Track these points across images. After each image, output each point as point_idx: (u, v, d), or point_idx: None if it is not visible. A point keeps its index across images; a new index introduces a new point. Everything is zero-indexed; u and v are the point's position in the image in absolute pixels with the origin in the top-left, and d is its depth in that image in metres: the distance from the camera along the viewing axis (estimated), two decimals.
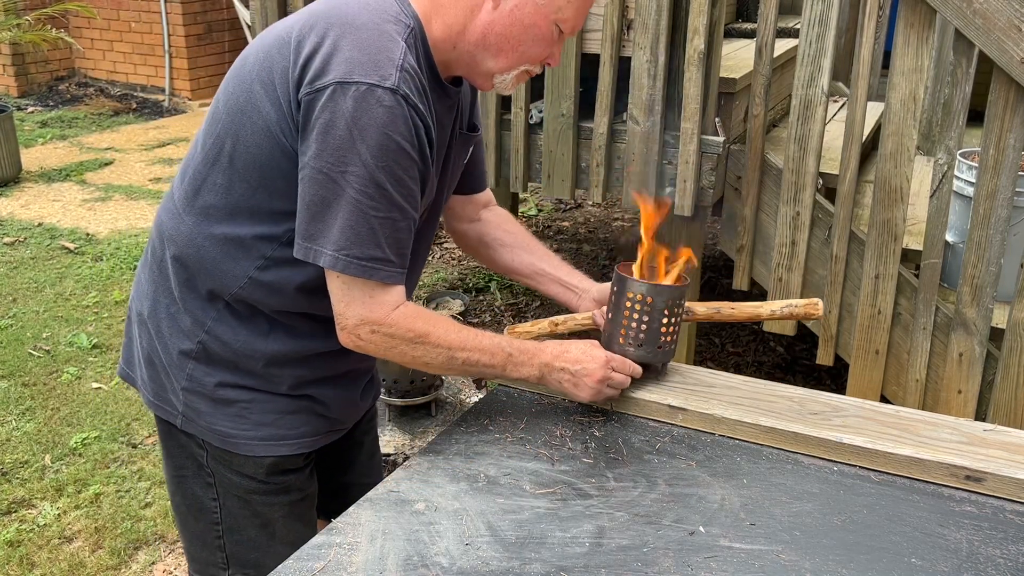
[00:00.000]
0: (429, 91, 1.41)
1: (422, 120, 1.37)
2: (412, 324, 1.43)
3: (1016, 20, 2.41)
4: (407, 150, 1.35)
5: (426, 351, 1.45)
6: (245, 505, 1.61)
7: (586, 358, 1.51)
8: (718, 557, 1.24)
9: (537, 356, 1.51)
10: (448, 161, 1.57)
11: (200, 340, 1.53)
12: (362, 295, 1.40)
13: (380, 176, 1.34)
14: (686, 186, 2.96)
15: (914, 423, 1.53)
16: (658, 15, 2.85)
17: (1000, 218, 2.57)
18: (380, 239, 1.37)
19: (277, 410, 1.56)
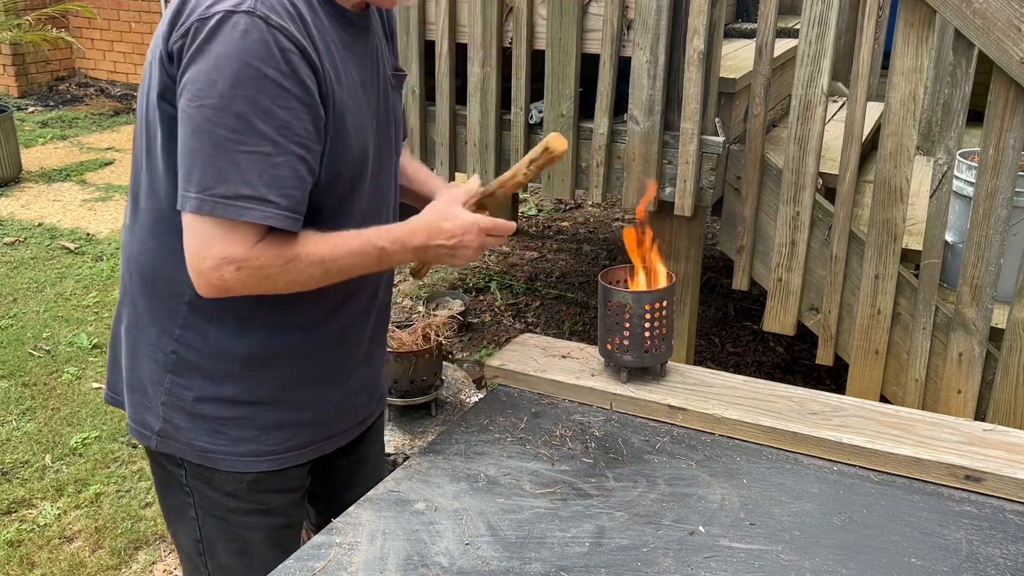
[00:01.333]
0: (322, 16, 1.34)
1: (294, 43, 1.26)
2: (276, 251, 1.32)
3: (1016, 20, 2.41)
4: (272, 76, 1.24)
5: (299, 272, 1.35)
6: (224, 526, 1.55)
7: (459, 230, 1.46)
8: (718, 557, 1.24)
9: (410, 241, 1.44)
10: (382, 102, 1.50)
11: (173, 350, 1.47)
12: (222, 233, 1.28)
13: (240, 106, 1.24)
14: (686, 186, 2.96)
15: (914, 423, 1.53)
16: (658, 15, 2.85)
17: (1000, 218, 2.57)
18: (248, 174, 1.26)
19: (259, 425, 1.50)
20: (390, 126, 1.53)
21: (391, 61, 1.56)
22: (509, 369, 1.71)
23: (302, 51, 1.27)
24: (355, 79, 1.40)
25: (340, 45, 1.37)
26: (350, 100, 1.38)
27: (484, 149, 3.23)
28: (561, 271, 5.08)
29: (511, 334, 4.23)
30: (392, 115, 1.54)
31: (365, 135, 1.43)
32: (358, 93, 1.41)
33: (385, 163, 1.53)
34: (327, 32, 1.34)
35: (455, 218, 1.47)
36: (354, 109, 1.39)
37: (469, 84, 3.19)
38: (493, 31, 3.08)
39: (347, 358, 1.56)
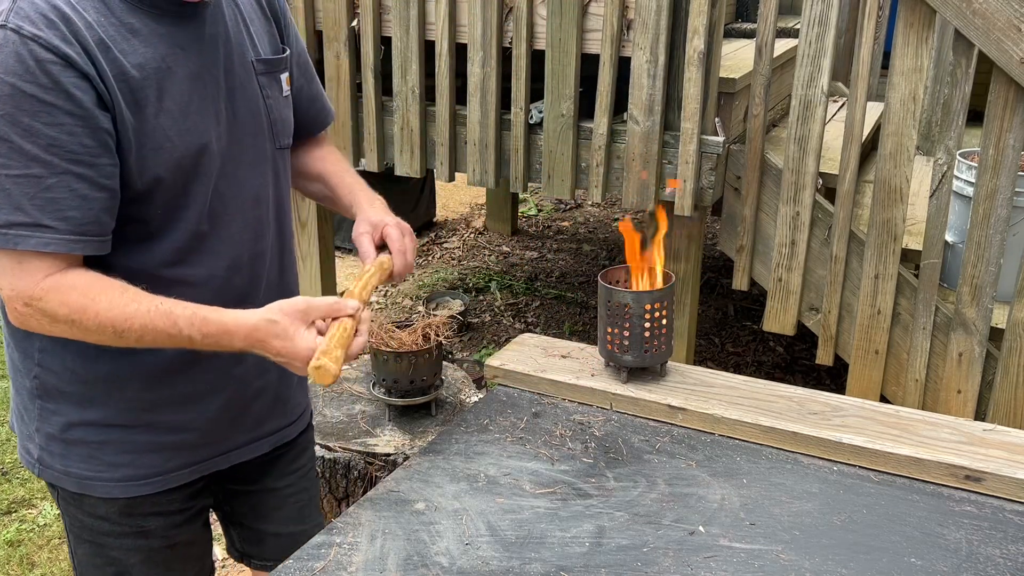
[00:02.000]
0: (117, 9, 1.24)
1: (54, 52, 1.16)
2: (65, 297, 1.22)
3: (1015, 20, 2.41)
4: (29, 92, 1.15)
5: (87, 331, 1.25)
6: (97, 551, 1.49)
7: (289, 354, 1.29)
8: (718, 557, 1.24)
9: (226, 340, 1.29)
10: (237, 93, 1.38)
11: (35, 375, 1.40)
12: (11, 264, 1.21)
13: (3, 127, 1.15)
14: (686, 186, 2.96)
15: (914, 423, 1.53)
16: (658, 15, 2.85)
17: (1000, 218, 2.57)
18: (19, 200, 1.17)
19: (134, 448, 1.43)
20: (254, 118, 1.42)
21: (262, 45, 1.45)
22: (509, 369, 1.71)
23: (65, 59, 1.17)
24: (181, 72, 1.29)
25: (152, 36, 1.26)
26: (168, 96, 1.27)
27: (484, 149, 3.23)
28: (561, 271, 5.08)
29: (511, 334, 4.23)
30: (256, 105, 1.42)
31: (198, 132, 1.31)
32: (183, 87, 1.29)
33: (247, 159, 1.41)
34: (122, 27, 1.23)
35: (288, 338, 1.28)
36: (176, 105, 1.28)
37: (469, 84, 3.19)
38: (493, 31, 3.08)
39: (225, 370, 1.46)
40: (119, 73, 1.22)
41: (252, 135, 1.42)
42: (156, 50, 1.26)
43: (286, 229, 1.54)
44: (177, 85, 1.28)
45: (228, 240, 1.40)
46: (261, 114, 1.43)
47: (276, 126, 1.46)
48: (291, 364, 1.30)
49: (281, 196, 1.51)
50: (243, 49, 1.40)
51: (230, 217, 1.39)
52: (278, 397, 1.58)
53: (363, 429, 2.56)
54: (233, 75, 1.38)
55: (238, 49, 1.39)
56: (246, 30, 1.42)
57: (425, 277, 4.87)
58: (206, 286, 1.38)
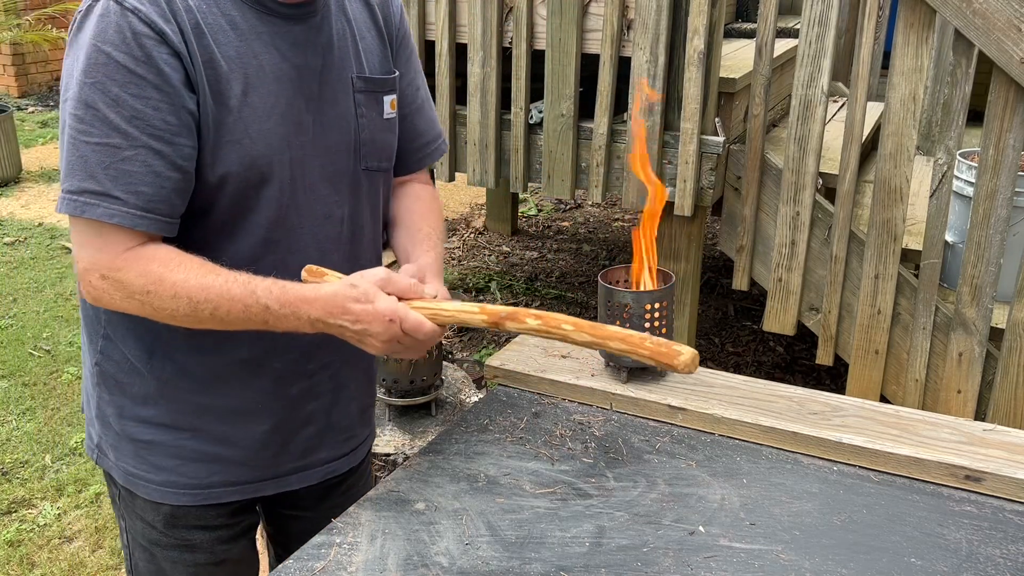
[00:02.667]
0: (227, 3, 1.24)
1: (150, 26, 1.17)
2: (145, 267, 1.20)
3: (1016, 20, 2.41)
4: (123, 63, 1.16)
5: (163, 301, 1.21)
6: (150, 558, 1.47)
7: (368, 317, 1.23)
8: (718, 557, 1.24)
9: (304, 310, 1.23)
10: (326, 106, 1.35)
11: (96, 362, 1.40)
12: (91, 235, 1.21)
13: (89, 94, 1.16)
14: (686, 186, 2.96)
15: (914, 423, 1.53)
16: (658, 15, 2.85)
17: (1000, 218, 2.57)
18: (94, 168, 1.17)
19: (180, 454, 1.40)
20: (342, 134, 1.38)
21: (369, 63, 1.41)
22: (509, 369, 1.71)
23: (161, 35, 1.18)
24: (272, 72, 1.28)
25: (251, 32, 1.26)
26: (255, 93, 1.26)
27: (484, 149, 3.23)
28: (561, 271, 5.08)
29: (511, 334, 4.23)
30: (347, 122, 1.38)
31: (278, 135, 1.29)
32: (272, 88, 1.28)
33: (326, 173, 1.37)
34: (223, 17, 1.24)
35: (368, 301, 1.23)
36: (260, 104, 1.27)
37: (469, 84, 3.19)
38: (493, 31, 3.08)
39: (276, 390, 1.41)
40: (208, 60, 1.21)
41: (336, 151, 1.37)
42: (251, 46, 1.26)
43: (363, 255, 1.46)
44: (266, 85, 1.27)
45: (295, 253, 1.35)
46: (350, 132, 1.39)
47: (365, 146, 1.41)
48: (368, 330, 1.23)
49: (360, 218, 1.43)
50: (345, 63, 1.37)
51: (300, 230, 1.36)
52: (330, 425, 1.52)
53: None
54: (328, 87, 1.35)
55: (339, 62, 1.36)
56: (353, 45, 1.39)
57: None
58: None
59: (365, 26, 1.42)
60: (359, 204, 1.43)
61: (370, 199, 1.45)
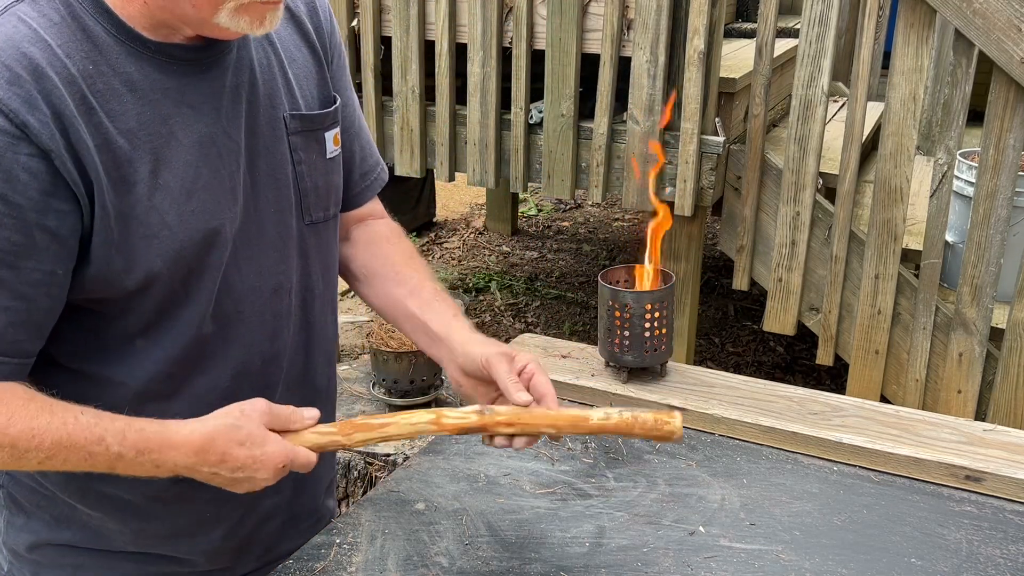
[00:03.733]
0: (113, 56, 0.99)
1: (12, 121, 0.91)
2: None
3: (1016, 20, 2.41)
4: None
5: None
6: None
7: (254, 464, 1.04)
8: (718, 557, 1.24)
9: (169, 456, 1.02)
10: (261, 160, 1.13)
11: (3, 483, 1.22)
12: None
13: None
14: (686, 186, 2.96)
15: (914, 423, 1.53)
16: (658, 15, 2.85)
17: (1000, 218, 2.57)
18: None
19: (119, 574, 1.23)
20: (279, 189, 1.15)
21: (304, 93, 1.18)
22: None
23: (21, 128, 0.92)
24: (188, 138, 1.05)
25: (154, 92, 1.02)
26: (167, 170, 1.03)
27: (484, 149, 3.23)
28: (561, 271, 5.08)
29: (511, 334, 4.23)
30: (283, 173, 1.15)
31: (206, 213, 1.06)
32: (189, 157, 1.05)
33: (267, 241, 1.15)
34: (116, 78, 0.99)
35: (256, 445, 1.03)
36: (177, 181, 1.04)
37: (469, 84, 3.19)
38: (493, 31, 3.08)
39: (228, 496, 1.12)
40: (103, 143, 0.97)
41: (276, 211, 1.15)
42: (157, 110, 1.02)
43: (316, 320, 1.26)
44: (181, 155, 1.04)
45: (237, 342, 1.15)
46: (288, 184, 1.16)
47: (308, 197, 1.19)
48: (253, 478, 1.04)
49: (310, 282, 1.23)
50: (274, 101, 1.14)
51: (241, 314, 1.15)
52: (293, 516, 1.34)
53: None
54: (257, 136, 1.12)
55: (266, 101, 1.13)
56: (282, 75, 1.15)
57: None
58: (205, 399, 1.12)
59: (293, 44, 1.18)
60: (309, 266, 1.23)
61: (320, 256, 1.25)
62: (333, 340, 1.34)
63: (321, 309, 1.27)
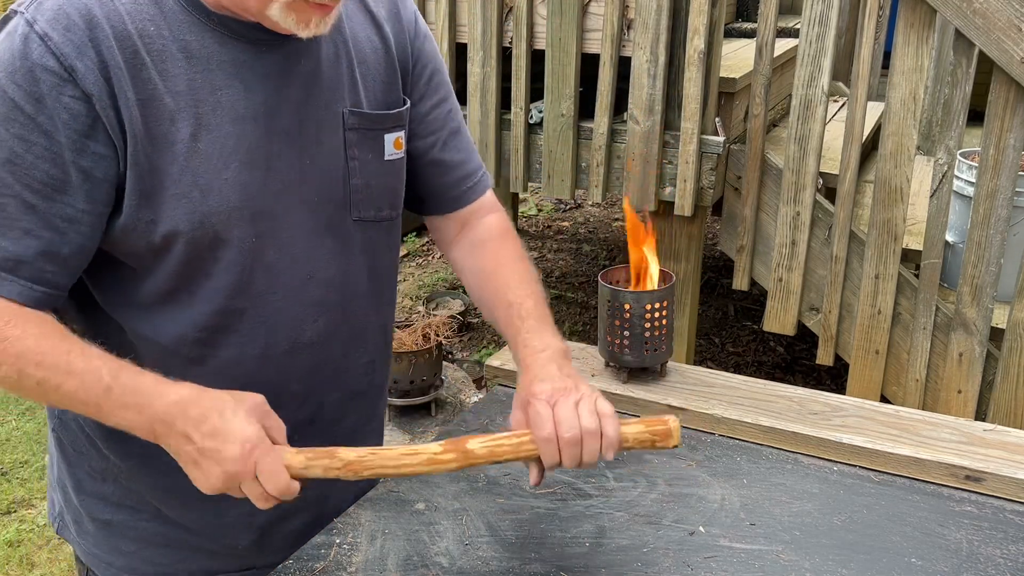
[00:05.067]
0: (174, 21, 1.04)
1: (57, 59, 0.98)
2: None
3: (1016, 20, 2.41)
4: (10, 94, 0.98)
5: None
6: None
7: (224, 436, 1.01)
8: (718, 557, 1.24)
9: (151, 404, 1.02)
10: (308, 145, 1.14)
11: (54, 427, 1.26)
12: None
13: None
14: (686, 186, 2.96)
15: (914, 423, 1.53)
16: (658, 15, 2.85)
17: (1000, 218, 2.57)
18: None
19: (141, 537, 1.26)
20: (328, 180, 1.17)
21: (369, 94, 1.20)
22: (509, 369, 1.71)
23: (69, 71, 0.98)
24: (234, 110, 1.07)
25: (209, 61, 1.06)
26: (207, 136, 1.06)
27: (484, 149, 3.23)
28: (561, 271, 5.08)
29: None
30: (334, 165, 1.17)
31: (239, 186, 1.09)
32: (233, 129, 1.08)
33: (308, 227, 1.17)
34: (175, 43, 1.04)
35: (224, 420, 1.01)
36: (214, 150, 1.06)
37: (469, 84, 3.19)
38: (493, 31, 3.08)
39: None
40: (147, 98, 1.02)
41: (321, 200, 1.17)
42: (208, 79, 1.05)
43: (358, 319, 1.26)
44: (222, 126, 1.06)
45: (266, 322, 1.16)
46: (338, 178, 1.17)
47: (357, 193, 1.19)
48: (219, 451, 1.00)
49: (354, 278, 1.23)
50: (335, 95, 1.15)
51: (273, 295, 1.16)
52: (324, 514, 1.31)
53: None
54: (311, 124, 1.14)
55: (327, 94, 1.14)
56: (349, 72, 1.17)
57: (425, 277, 4.87)
58: (228, 374, 1.14)
59: (369, 46, 1.20)
60: (351, 262, 1.22)
61: (368, 254, 1.25)
62: (380, 343, 1.32)
63: (367, 312, 1.27)
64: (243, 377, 1.14)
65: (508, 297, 1.27)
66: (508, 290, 1.27)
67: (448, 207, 1.35)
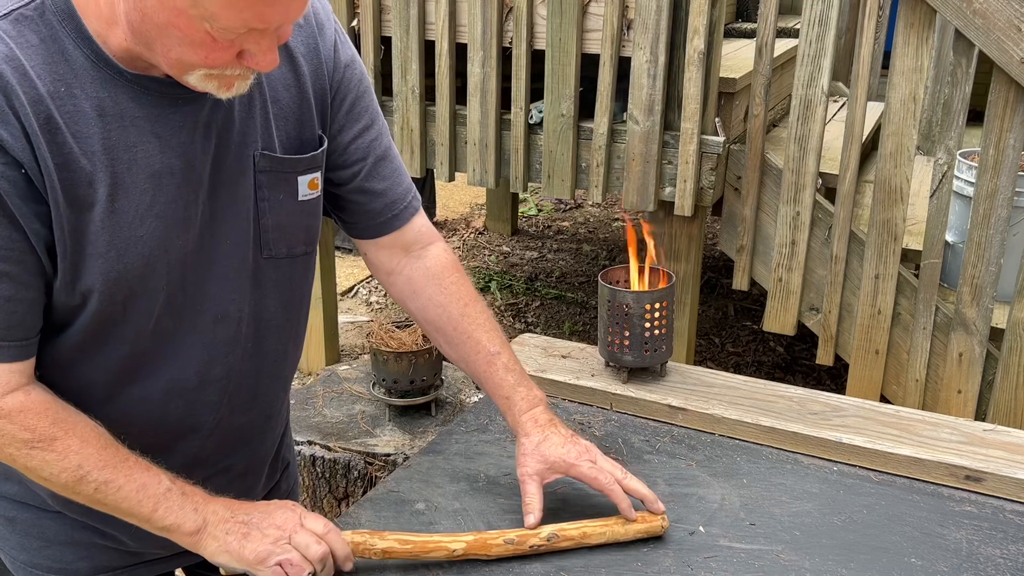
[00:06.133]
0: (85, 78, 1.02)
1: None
2: (35, 421, 1.06)
3: (1016, 20, 2.41)
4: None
5: (46, 462, 1.07)
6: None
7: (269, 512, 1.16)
8: (718, 557, 1.24)
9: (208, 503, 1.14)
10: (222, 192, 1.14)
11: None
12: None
13: None
14: (686, 186, 2.96)
15: (914, 423, 1.53)
16: (658, 15, 2.85)
17: (1000, 218, 2.57)
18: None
19: (44, 535, 1.26)
20: (238, 222, 1.17)
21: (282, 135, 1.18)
22: None
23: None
24: (149, 167, 1.07)
25: (123, 119, 1.05)
26: (124, 196, 1.05)
27: (484, 149, 3.23)
28: (561, 271, 5.08)
29: (511, 334, 4.23)
30: (244, 208, 1.17)
31: (153, 240, 1.09)
32: (148, 185, 1.07)
33: (218, 270, 1.17)
34: (87, 101, 1.02)
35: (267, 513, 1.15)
36: (131, 208, 1.06)
37: (469, 84, 3.19)
38: (493, 31, 3.08)
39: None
40: (64, 162, 1.01)
41: (232, 243, 1.17)
42: (123, 136, 1.04)
43: (270, 350, 1.28)
44: (140, 183, 1.06)
45: (172, 360, 1.18)
46: (248, 219, 1.18)
47: (267, 233, 1.20)
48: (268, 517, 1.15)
49: (266, 313, 1.25)
50: (247, 138, 1.15)
51: (182, 336, 1.18)
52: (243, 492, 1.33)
53: (363, 429, 2.56)
54: (222, 170, 1.14)
55: (238, 138, 1.14)
56: (262, 114, 1.16)
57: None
58: (136, 409, 1.19)
59: (282, 85, 1.18)
60: (264, 298, 1.24)
61: (281, 289, 1.26)
62: (290, 368, 1.37)
63: (277, 339, 1.29)
64: (154, 411, 1.19)
65: (487, 347, 1.34)
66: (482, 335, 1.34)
67: (376, 232, 1.35)
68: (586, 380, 1.65)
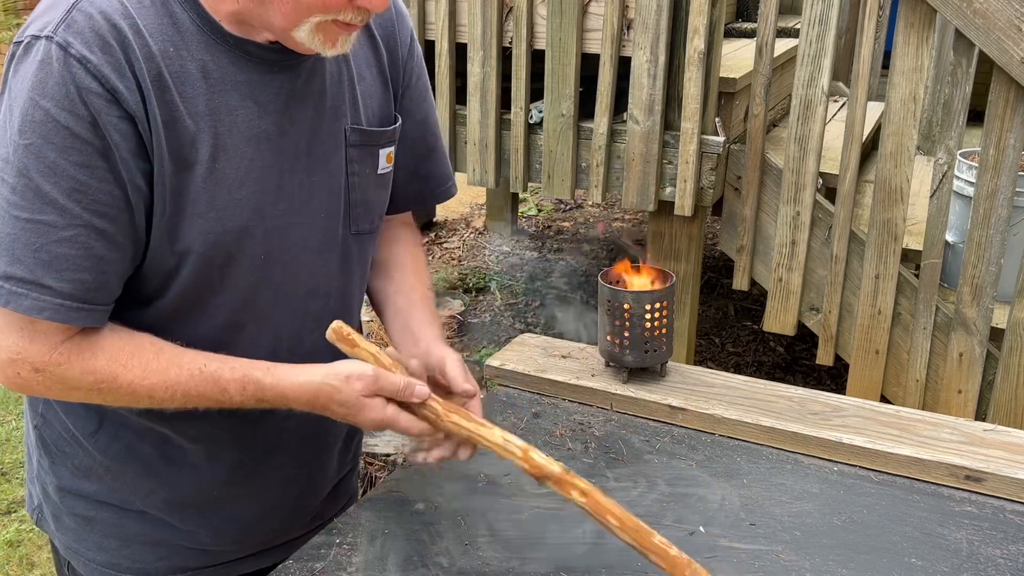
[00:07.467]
0: (193, 42, 1.04)
1: (100, 81, 0.97)
2: (90, 364, 1.05)
3: (1016, 20, 2.41)
4: (63, 122, 0.96)
5: (116, 399, 1.08)
6: None
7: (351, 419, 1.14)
8: (718, 557, 1.24)
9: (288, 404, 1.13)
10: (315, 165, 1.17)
11: (36, 424, 1.28)
12: (17, 324, 1.03)
13: (24, 159, 0.97)
14: (686, 186, 2.96)
15: (914, 423, 1.53)
16: (658, 15, 2.85)
17: (1000, 218, 2.57)
18: (21, 251, 0.99)
19: (123, 535, 1.27)
20: (331, 196, 1.20)
21: (367, 111, 1.22)
22: (509, 369, 1.71)
23: (112, 93, 0.98)
24: (249, 131, 1.09)
25: (225, 83, 1.07)
26: (225, 158, 1.07)
27: (484, 149, 3.23)
28: (561, 271, 5.08)
29: (511, 334, 4.23)
30: (337, 182, 1.20)
31: (252, 206, 1.11)
32: (247, 150, 1.09)
33: (312, 243, 1.19)
34: (193, 63, 1.04)
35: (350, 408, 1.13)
36: (231, 171, 1.08)
37: (469, 84, 3.19)
38: (493, 31, 3.08)
39: (238, 479, 1.27)
40: (170, 119, 1.03)
41: (324, 216, 1.20)
42: (225, 100, 1.07)
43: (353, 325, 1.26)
44: (238, 147, 1.08)
45: (266, 333, 1.20)
46: (340, 193, 1.21)
47: (355, 209, 1.23)
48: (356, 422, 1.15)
49: (350, 288, 1.28)
50: (339, 113, 1.18)
51: (277, 309, 1.19)
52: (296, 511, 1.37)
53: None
54: (318, 143, 1.16)
55: (332, 112, 1.17)
56: (350, 90, 1.20)
57: None
58: None
59: (366, 63, 1.23)
60: (350, 274, 1.27)
61: (361, 266, 1.30)
62: None
63: (355, 315, 1.33)
64: None
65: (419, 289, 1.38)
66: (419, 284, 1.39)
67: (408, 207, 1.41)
68: (586, 380, 1.65)
